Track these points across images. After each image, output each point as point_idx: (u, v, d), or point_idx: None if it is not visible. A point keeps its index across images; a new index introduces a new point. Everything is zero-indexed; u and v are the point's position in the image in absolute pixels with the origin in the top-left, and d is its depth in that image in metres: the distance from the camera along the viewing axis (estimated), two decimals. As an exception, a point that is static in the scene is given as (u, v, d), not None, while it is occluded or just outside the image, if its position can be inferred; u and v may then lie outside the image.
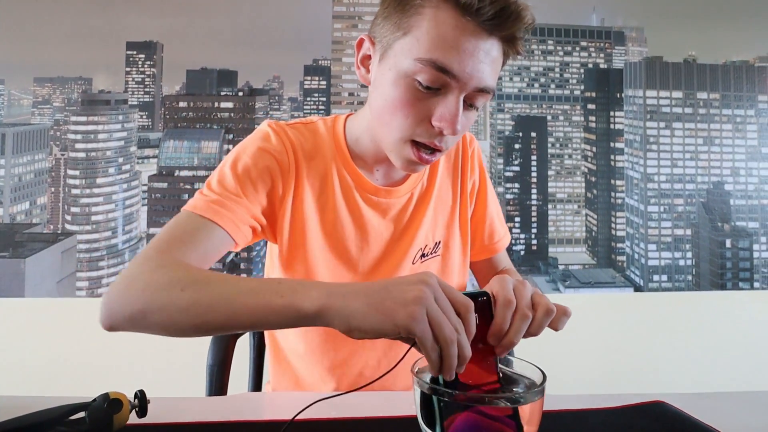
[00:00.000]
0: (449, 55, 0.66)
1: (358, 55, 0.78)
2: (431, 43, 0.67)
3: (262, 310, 0.54)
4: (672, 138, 37.66)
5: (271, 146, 0.79)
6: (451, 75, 0.67)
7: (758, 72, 37.00)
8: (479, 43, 0.66)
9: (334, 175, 0.83)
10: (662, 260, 35.13)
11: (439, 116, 0.69)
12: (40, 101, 40.65)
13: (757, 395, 0.72)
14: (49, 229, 33.97)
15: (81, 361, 2.24)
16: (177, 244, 0.67)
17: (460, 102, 0.68)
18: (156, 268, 0.61)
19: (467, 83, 0.67)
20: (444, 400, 0.49)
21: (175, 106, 45.95)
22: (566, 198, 42.68)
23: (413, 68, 0.68)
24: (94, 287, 34.94)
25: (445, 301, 0.51)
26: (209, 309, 0.56)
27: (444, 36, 0.66)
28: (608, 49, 49.11)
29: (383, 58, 0.73)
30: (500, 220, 0.98)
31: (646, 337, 2.53)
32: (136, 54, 42.16)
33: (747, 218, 32.24)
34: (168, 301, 0.58)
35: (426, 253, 0.88)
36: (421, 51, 0.67)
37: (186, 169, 42.51)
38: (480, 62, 0.67)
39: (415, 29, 0.68)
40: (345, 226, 0.83)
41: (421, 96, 0.69)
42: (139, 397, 0.60)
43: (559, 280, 38.96)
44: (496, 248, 0.97)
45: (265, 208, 0.79)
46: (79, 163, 39.49)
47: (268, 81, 51.91)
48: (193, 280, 0.59)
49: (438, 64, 0.66)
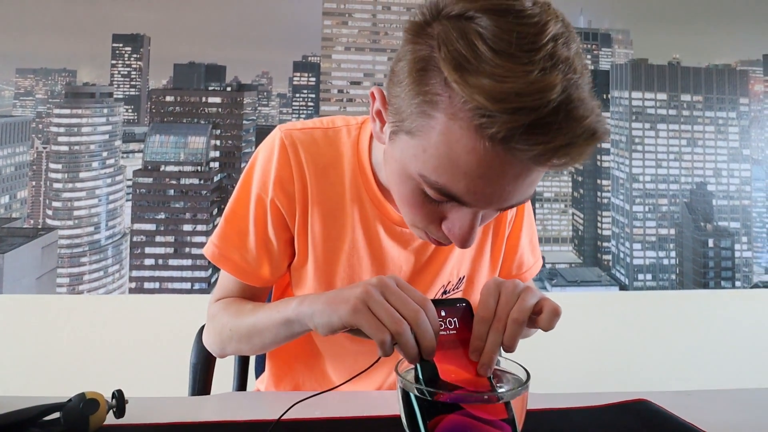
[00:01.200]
0: (460, 183, 0.50)
1: (372, 108, 0.62)
2: (438, 163, 0.50)
3: (273, 328, 0.65)
4: (656, 139, 38.29)
5: (276, 173, 0.72)
6: (462, 203, 0.52)
7: (740, 75, 37.77)
8: (506, 168, 0.48)
9: (351, 200, 0.73)
10: (647, 259, 35.74)
11: (449, 227, 0.56)
12: (22, 93, 39.57)
13: (739, 393, 0.73)
14: (30, 224, 33.30)
15: (60, 360, 2.19)
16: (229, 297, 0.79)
17: (477, 217, 0.54)
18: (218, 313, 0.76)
19: (485, 207, 0.53)
20: (423, 399, 0.49)
21: (161, 100, 45.13)
22: (553, 197, 43.15)
23: (418, 178, 0.53)
24: (75, 284, 34.35)
25: (398, 295, 0.53)
26: (250, 337, 0.70)
27: (455, 160, 0.49)
28: (595, 50, 49.73)
29: (392, 137, 0.57)
30: (533, 248, 0.88)
31: (631, 336, 2.56)
32: (122, 47, 41.29)
33: (729, 218, 32.90)
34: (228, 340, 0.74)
35: (448, 289, 0.79)
36: (426, 169, 0.51)
37: (172, 164, 41.88)
38: (505, 187, 0.50)
39: (422, 135, 0.51)
40: (354, 254, 0.74)
41: (430, 200, 0.55)
42: (117, 397, 0.58)
43: (545, 279, 39.42)
44: (523, 279, 0.87)
45: (289, 238, 0.76)
46: (61, 157, 38.65)
47: (256, 76, 51.15)
48: (235, 319, 0.72)
49: (445, 191, 0.51)
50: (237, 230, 0.75)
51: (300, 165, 0.71)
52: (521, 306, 0.54)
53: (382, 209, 0.73)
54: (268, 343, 0.70)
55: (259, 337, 0.69)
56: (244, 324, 0.71)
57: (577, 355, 2.27)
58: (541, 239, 51.39)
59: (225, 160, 44.00)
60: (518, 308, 0.54)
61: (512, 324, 0.53)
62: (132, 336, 2.29)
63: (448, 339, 0.55)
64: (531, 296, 0.56)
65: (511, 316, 0.53)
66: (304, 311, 0.59)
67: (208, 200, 40.33)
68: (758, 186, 40.34)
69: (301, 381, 0.89)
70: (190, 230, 38.64)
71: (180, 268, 39.99)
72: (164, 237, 37.67)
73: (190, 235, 38.29)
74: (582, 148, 0.46)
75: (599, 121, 0.46)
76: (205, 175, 40.43)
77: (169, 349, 1.72)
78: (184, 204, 38.54)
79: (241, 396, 0.86)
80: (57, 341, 2.28)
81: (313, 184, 0.72)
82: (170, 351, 1.51)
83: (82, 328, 2.40)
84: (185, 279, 39.39)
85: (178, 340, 1.25)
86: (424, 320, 0.51)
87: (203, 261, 38.04)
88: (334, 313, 0.54)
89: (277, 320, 0.64)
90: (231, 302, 0.77)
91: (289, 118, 53.10)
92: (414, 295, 0.53)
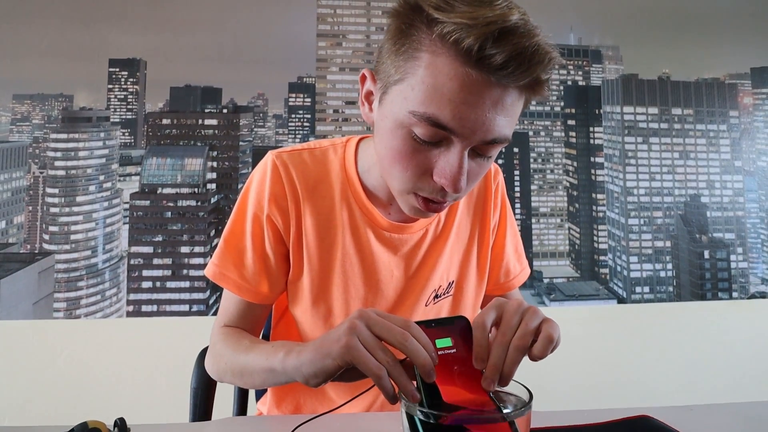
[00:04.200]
0: (446, 110, 0.57)
1: (362, 91, 0.70)
2: (426, 95, 0.58)
3: (261, 373, 0.67)
4: (649, 152, 38.46)
5: (270, 191, 0.77)
6: (449, 131, 0.59)
7: (729, 88, 38.13)
8: (486, 93, 0.57)
9: (341, 208, 0.78)
10: (644, 272, 35.50)
11: (440, 172, 0.61)
12: (18, 118, 39.86)
13: (741, 406, 0.72)
14: (26, 249, 32.94)
15: (59, 387, 2.17)
16: (233, 321, 0.82)
17: (464, 157, 0.60)
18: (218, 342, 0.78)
19: (471, 137, 0.59)
20: (426, 422, 0.49)
21: (158, 123, 45.36)
22: (549, 212, 43.12)
23: (409, 120, 0.60)
24: (72, 308, 33.83)
25: (382, 323, 0.54)
26: (242, 376, 0.73)
27: (440, 88, 0.57)
28: (586, 66, 50.30)
29: (382, 101, 0.65)
30: (518, 256, 0.93)
31: (632, 349, 2.55)
32: (118, 71, 41.71)
33: (723, 229, 32.89)
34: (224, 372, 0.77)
35: (439, 294, 0.83)
36: (415, 103, 0.59)
37: (169, 187, 41.82)
38: (485, 113, 0.57)
39: (410, 76, 0.60)
40: (347, 261, 0.79)
41: (420, 148, 0.61)
42: (119, 425, 0.58)
43: (544, 294, 39.04)
44: (510, 285, 0.92)
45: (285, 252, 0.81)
46: (58, 181, 38.56)
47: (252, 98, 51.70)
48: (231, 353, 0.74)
49: (433, 120, 0.58)
50: (235, 249, 0.80)
51: (292, 182, 0.77)
52: (524, 330, 0.55)
53: (371, 216, 0.79)
54: (258, 384, 0.72)
55: (249, 377, 0.71)
56: (238, 362, 0.73)
57: (578, 369, 2.26)
58: (538, 254, 51.25)
59: (222, 181, 44.06)
60: (521, 333, 0.55)
61: (514, 350, 0.54)
62: (131, 360, 2.26)
63: (449, 358, 0.55)
64: (534, 319, 0.56)
65: (513, 342, 0.54)
66: (291, 364, 0.60)
67: (206, 222, 40.20)
68: (751, 197, 40.43)
69: (302, 401, 0.89)
70: (188, 252, 38.36)
71: (178, 290, 39.58)
72: (162, 259, 37.34)
73: (188, 257, 37.97)
74: (541, 57, 0.56)
75: (553, 47, 0.57)
76: (202, 196, 40.38)
77: (169, 372, 1.71)
78: (182, 226, 38.35)
79: (242, 421, 0.86)
80: (55, 367, 2.26)
81: (305, 198, 0.77)
82: (170, 375, 1.50)
83: (80, 353, 2.37)
84: (183, 301, 38.96)
85: (177, 364, 1.25)
86: (411, 341, 0.52)
87: (201, 283, 37.76)
88: (327, 357, 0.55)
89: (265, 367, 0.66)
90: (231, 334, 0.79)
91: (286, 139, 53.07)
92: (396, 321, 0.55)
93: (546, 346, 0.55)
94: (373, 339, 0.53)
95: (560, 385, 1.96)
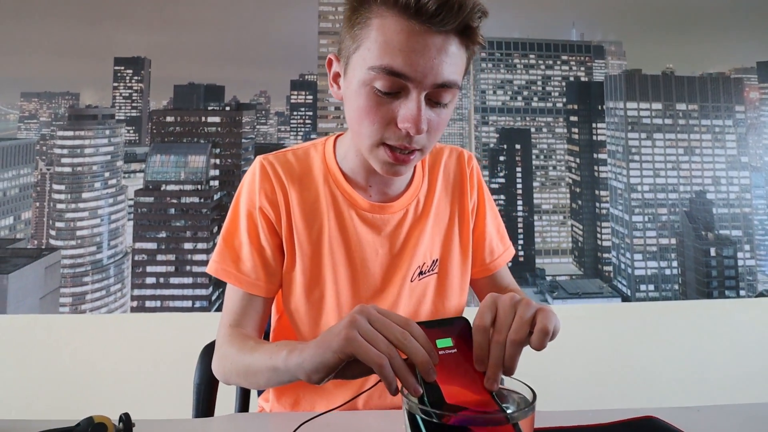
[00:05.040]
0: (398, 58, 0.67)
1: (330, 74, 0.79)
2: (380, 50, 0.68)
3: (265, 372, 0.68)
4: (653, 148, 38.41)
5: (264, 189, 0.85)
6: (404, 77, 0.67)
7: (734, 83, 38.02)
8: (429, 40, 0.67)
9: (325, 194, 0.85)
10: (648, 269, 35.55)
11: (402, 118, 0.69)
12: (26, 116, 40.04)
13: (750, 408, 0.71)
14: (33, 245, 33.36)
15: (64, 381, 2.18)
16: (237, 320, 0.83)
17: (420, 101, 0.68)
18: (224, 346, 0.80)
19: (423, 81, 0.67)
20: (430, 421, 0.49)
21: (162, 120, 45.63)
22: (551, 209, 43.16)
23: (369, 76, 0.69)
24: (78, 303, 34.28)
25: (382, 320, 0.54)
26: (246, 376, 0.73)
27: (390, 41, 0.67)
28: (588, 62, 50.17)
29: (346, 72, 0.75)
30: (500, 236, 0.97)
31: (636, 348, 2.54)
32: (123, 69, 41.86)
33: (730, 226, 32.85)
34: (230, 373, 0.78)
35: (424, 270, 0.88)
36: (372, 59, 0.68)
37: (172, 183, 42.09)
38: (432, 59, 0.67)
39: (365, 40, 0.70)
40: (334, 243, 0.84)
41: (382, 101, 0.70)
42: (124, 421, 0.58)
43: (546, 291, 39.15)
44: (495, 265, 0.95)
45: (279, 243, 0.86)
46: (64, 178, 38.93)
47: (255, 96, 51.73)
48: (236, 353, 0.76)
49: (388, 69, 0.67)
50: (233, 245, 0.85)
51: (279, 177, 0.85)
52: (519, 324, 0.55)
53: (352, 199, 0.85)
54: (262, 384, 0.72)
55: (254, 377, 0.72)
56: (243, 362, 0.74)
57: (581, 368, 2.25)
58: (540, 251, 51.13)
59: (225, 178, 44.35)
60: (516, 327, 0.55)
61: (511, 345, 0.54)
62: (135, 355, 2.28)
63: (450, 358, 0.55)
64: (527, 311, 0.57)
65: (509, 337, 0.55)
66: (293, 361, 0.60)
67: (209, 218, 40.48)
68: (758, 193, 40.28)
69: (301, 395, 0.90)
70: (191, 248, 38.70)
71: (181, 287, 39.97)
72: (165, 255, 37.72)
73: (191, 253, 38.33)
74: (467, 4, 0.66)
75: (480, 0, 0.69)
76: (205, 193, 40.67)
77: (172, 368, 1.72)
78: (185, 222, 38.70)
79: (245, 417, 0.86)
80: (61, 362, 2.27)
81: (292, 190, 0.85)
82: (173, 370, 1.51)
83: (85, 348, 2.39)
84: (186, 297, 39.33)
85: (180, 359, 1.25)
86: (410, 340, 0.52)
87: (204, 279, 37.86)
88: (328, 350, 0.55)
89: (269, 366, 0.66)
90: (236, 335, 0.80)
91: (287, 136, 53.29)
92: (396, 320, 0.55)
93: (542, 338, 0.55)
94: (374, 331, 0.53)
95: (564, 385, 1.96)
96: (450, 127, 55.99)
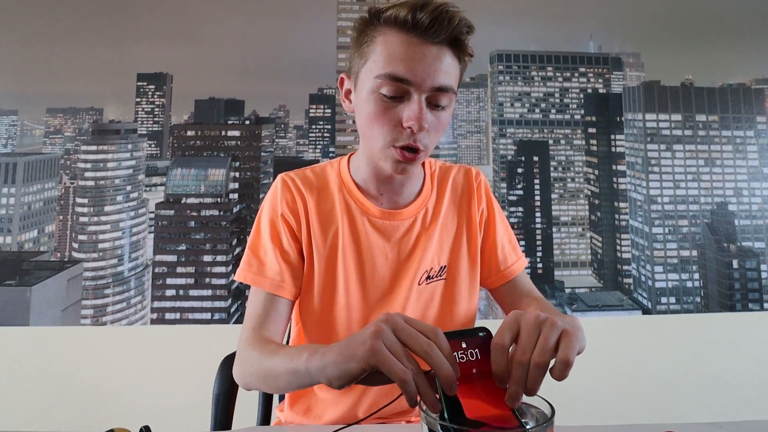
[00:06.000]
0: (401, 66, 0.78)
1: (342, 92, 0.90)
2: (385, 61, 0.79)
3: (286, 375, 0.69)
4: (673, 160, 37.72)
5: (285, 199, 0.93)
6: (406, 82, 0.78)
7: (755, 94, 37.24)
8: (425, 50, 0.78)
9: (340, 203, 0.93)
10: (669, 282, 34.66)
11: (407, 118, 0.79)
12: (51, 131, 41.29)
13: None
14: (56, 257, 34.04)
15: (85, 393, 2.22)
16: (260, 322, 0.86)
17: (422, 102, 0.79)
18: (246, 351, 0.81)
19: (422, 85, 0.78)
20: None
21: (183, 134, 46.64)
22: (570, 221, 42.52)
23: (376, 84, 0.80)
24: (99, 315, 34.78)
25: (408, 330, 0.54)
26: (267, 379, 0.74)
27: (393, 52, 0.79)
28: (606, 74, 49.76)
29: (356, 86, 0.86)
30: (512, 246, 1.02)
31: (657, 362, 2.48)
32: (146, 85, 42.99)
33: (753, 238, 31.90)
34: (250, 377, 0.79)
35: (432, 275, 0.93)
36: (378, 69, 0.80)
37: (193, 197, 42.80)
38: (429, 66, 0.78)
39: (372, 54, 0.81)
40: (347, 248, 0.91)
41: (389, 106, 0.80)
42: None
43: (566, 304, 38.39)
44: (511, 272, 0.99)
45: (300, 248, 0.92)
46: (87, 192, 39.90)
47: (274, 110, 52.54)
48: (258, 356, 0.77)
49: (393, 76, 0.78)
50: (258, 254, 0.91)
51: (299, 190, 0.93)
52: (544, 347, 0.54)
53: (364, 207, 0.93)
54: (283, 388, 0.74)
55: (274, 380, 0.73)
56: (264, 365, 0.75)
57: (601, 382, 2.21)
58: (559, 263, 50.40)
59: (244, 191, 44.94)
60: (541, 349, 0.54)
61: (535, 368, 0.53)
62: (155, 367, 2.31)
63: (470, 371, 0.55)
64: (552, 332, 0.55)
65: (533, 359, 0.53)
66: (315, 365, 0.61)
67: (228, 231, 40.95)
68: (782, 205, 39.19)
69: (313, 402, 0.93)
70: (210, 261, 39.14)
71: (200, 299, 40.39)
72: (185, 268, 38.21)
73: (210, 265, 38.75)
74: (455, 19, 0.78)
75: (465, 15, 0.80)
76: (224, 206, 41.23)
77: (191, 380, 1.73)
78: (204, 235, 39.22)
79: (264, 431, 0.86)
80: (82, 373, 2.31)
81: (310, 199, 0.93)
82: (192, 382, 1.52)
83: (106, 360, 2.43)
84: (205, 309, 39.68)
85: (199, 371, 1.27)
86: (436, 352, 0.52)
87: (223, 291, 38.12)
88: (352, 360, 0.55)
89: (289, 369, 0.67)
90: (257, 339, 0.82)
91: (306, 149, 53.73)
92: (423, 329, 0.54)
93: (563, 370, 0.54)
94: (399, 345, 0.53)
95: (584, 399, 1.92)
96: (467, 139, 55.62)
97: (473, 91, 52.41)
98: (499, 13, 31.65)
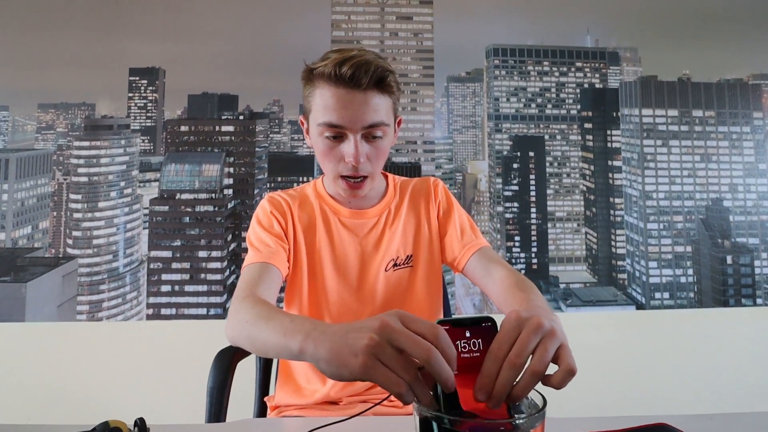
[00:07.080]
0: (334, 115, 0.94)
1: (304, 129, 1.07)
2: (322, 111, 0.96)
3: (278, 347, 0.70)
4: (669, 155, 37.84)
5: (273, 203, 1.12)
6: (340, 127, 0.95)
7: (752, 89, 37.36)
8: (352, 97, 0.94)
9: (317, 210, 1.13)
10: (663, 277, 34.86)
11: (346, 155, 0.97)
12: (43, 127, 40.92)
13: (762, 416, 0.71)
14: (51, 253, 33.83)
15: (81, 387, 2.22)
16: (255, 283, 0.95)
17: (357, 141, 0.96)
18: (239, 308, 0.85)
19: (353, 127, 0.95)
20: (443, 426, 0.49)
21: (176, 130, 46.50)
22: (565, 216, 42.63)
23: (320, 130, 0.98)
24: (95, 311, 34.66)
25: (406, 335, 0.53)
26: (255, 345, 0.77)
27: (327, 103, 0.95)
28: (603, 69, 49.80)
29: (308, 128, 1.04)
30: (474, 230, 1.16)
31: (650, 356, 2.50)
32: (138, 80, 42.65)
33: (747, 234, 32.09)
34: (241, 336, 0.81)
35: (398, 263, 1.10)
36: (318, 118, 0.97)
37: (187, 192, 42.70)
38: (357, 110, 0.94)
39: (314, 105, 0.98)
40: (323, 244, 1.09)
41: (333, 145, 0.98)
42: (139, 425, 0.60)
43: (560, 299, 38.56)
44: (473, 245, 1.11)
45: (287, 240, 1.08)
46: (81, 188, 39.75)
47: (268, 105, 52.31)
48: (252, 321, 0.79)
49: (329, 123, 0.95)
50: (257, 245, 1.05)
51: (285, 200, 1.13)
52: (542, 357, 0.54)
53: (335, 209, 1.13)
54: (271, 355, 0.79)
55: (263, 347, 0.75)
56: (255, 333, 0.77)
57: (595, 376, 2.23)
58: (554, 259, 50.96)
59: (238, 186, 44.90)
60: (539, 359, 0.54)
61: (530, 376, 0.53)
62: (150, 361, 2.31)
63: (472, 361, 0.55)
64: (552, 343, 0.55)
65: (531, 366, 0.53)
66: (308, 352, 0.61)
67: (223, 227, 40.89)
68: (777, 200, 39.42)
69: (302, 384, 1.05)
70: (205, 256, 39.11)
71: (196, 294, 40.39)
72: (180, 264, 38.13)
73: (205, 261, 38.69)
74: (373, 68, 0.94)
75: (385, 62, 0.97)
76: (219, 201, 41.17)
77: (185, 373, 1.74)
78: (199, 231, 39.15)
79: (258, 423, 0.87)
80: (78, 368, 2.31)
81: (294, 208, 1.12)
82: (187, 376, 1.52)
83: (102, 354, 2.43)
84: (201, 305, 39.65)
85: (194, 365, 1.27)
86: (437, 357, 0.51)
87: (218, 287, 38.24)
88: (344, 368, 0.55)
89: (281, 344, 0.68)
90: (252, 297, 0.87)
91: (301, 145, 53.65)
92: (422, 329, 0.53)
93: (566, 378, 0.54)
94: (395, 358, 0.52)
95: (576, 392, 1.94)
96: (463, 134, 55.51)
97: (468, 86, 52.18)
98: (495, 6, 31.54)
